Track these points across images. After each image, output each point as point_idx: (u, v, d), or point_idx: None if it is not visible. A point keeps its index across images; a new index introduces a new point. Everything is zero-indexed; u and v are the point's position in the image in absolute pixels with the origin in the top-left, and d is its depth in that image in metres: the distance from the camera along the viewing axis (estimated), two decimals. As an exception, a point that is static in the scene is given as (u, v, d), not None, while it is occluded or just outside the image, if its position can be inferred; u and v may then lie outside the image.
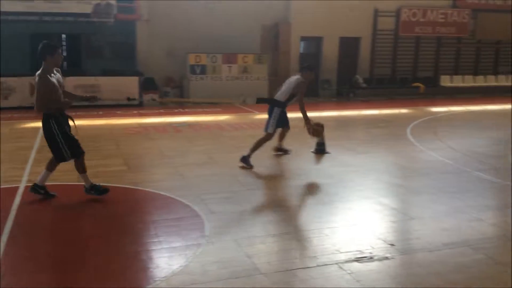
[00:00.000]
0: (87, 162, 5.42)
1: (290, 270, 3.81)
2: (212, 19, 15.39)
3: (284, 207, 5.43)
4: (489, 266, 3.93)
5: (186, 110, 13.49)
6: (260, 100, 7.99)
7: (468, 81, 18.38)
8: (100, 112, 12.59)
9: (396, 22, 17.47)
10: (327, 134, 8.13)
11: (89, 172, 5.46)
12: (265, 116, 7.34)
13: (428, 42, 18.17)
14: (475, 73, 18.71)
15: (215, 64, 15.26)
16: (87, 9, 14.06)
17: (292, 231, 4.66)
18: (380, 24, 17.37)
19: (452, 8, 17.93)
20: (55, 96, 5.01)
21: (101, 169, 6.65)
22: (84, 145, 5.40)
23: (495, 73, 18.95)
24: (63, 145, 5.13)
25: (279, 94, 7.13)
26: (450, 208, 5.37)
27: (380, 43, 17.53)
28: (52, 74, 5.03)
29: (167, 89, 15.34)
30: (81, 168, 5.35)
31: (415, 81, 17.62)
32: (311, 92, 16.77)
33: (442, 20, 17.84)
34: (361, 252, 4.13)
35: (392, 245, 4.31)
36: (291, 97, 7.02)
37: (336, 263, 3.92)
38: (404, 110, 14.20)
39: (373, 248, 4.22)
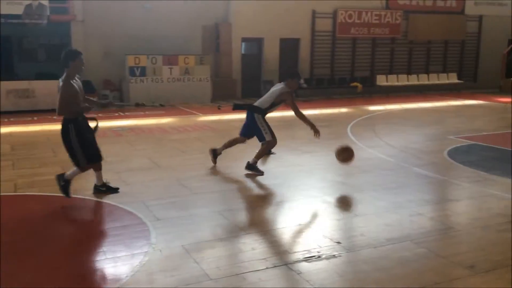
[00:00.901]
0: (21, 171, 5.14)
1: (240, 274, 3.78)
2: (151, 20, 15.09)
3: (231, 210, 5.39)
4: (431, 259, 4.09)
5: (127, 113, 13.13)
6: (237, 106, 7.59)
7: (402, 80, 19.17)
8: (35, 118, 11.99)
9: (333, 24, 17.92)
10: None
11: (23, 181, 5.18)
12: (209, 118, 7.28)
13: (364, 43, 18.78)
14: (409, 72, 19.55)
15: (155, 66, 14.96)
16: (18, 10, 13.34)
17: (240, 234, 4.63)
18: (318, 26, 17.75)
19: (385, 10, 18.64)
20: (76, 101, 5.26)
21: (37, 178, 6.32)
22: (18, 153, 5.11)
23: (427, 72, 19.90)
24: (78, 152, 5.34)
25: (260, 101, 6.91)
26: (392, 204, 5.55)
27: (319, 44, 17.91)
28: (74, 80, 5.28)
29: (105, 92, 14.86)
30: (96, 168, 5.67)
31: (353, 80, 18.16)
32: (254, 93, 16.89)
33: (376, 22, 18.49)
34: (309, 251, 4.18)
35: (338, 243, 4.39)
36: (272, 105, 6.86)
37: (285, 264, 3.94)
38: (343, 109, 14.59)
39: (320, 247, 4.28)
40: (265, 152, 6.91)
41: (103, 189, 5.80)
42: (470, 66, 20.85)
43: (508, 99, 16.84)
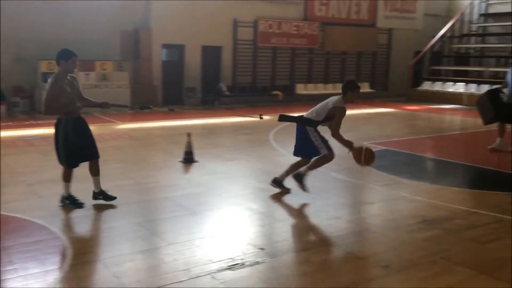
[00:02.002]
0: None
1: (162, 286, 3.69)
2: (67, 24, 14.39)
3: (153, 221, 5.27)
4: (349, 261, 4.27)
5: (39, 121, 12.40)
6: (283, 118, 6.70)
7: (320, 89, 19.90)
8: None
9: (255, 33, 18.23)
10: (194, 142, 8.14)
11: None
12: (128, 126, 7.07)
13: (284, 52, 19.27)
14: (326, 81, 20.34)
15: (70, 72, 14.29)
16: None
17: (162, 246, 4.53)
18: (239, 34, 17.96)
19: (303, 21, 19.28)
20: (64, 100, 5.18)
21: None
22: None
23: (342, 81, 20.79)
24: (62, 153, 5.29)
25: (312, 113, 6.15)
26: (311, 208, 5.73)
27: (241, 53, 18.12)
28: (66, 80, 5.25)
29: (15, 100, 13.94)
30: (64, 178, 5.43)
31: (274, 89, 18.55)
32: (176, 100, 16.70)
33: (295, 32, 19.07)
34: (232, 259, 4.18)
35: (262, 249, 4.44)
36: (327, 118, 6.05)
37: (208, 274, 3.91)
38: (266, 117, 14.82)
39: (244, 254, 4.31)
40: (319, 166, 6.14)
41: (100, 197, 5.59)
42: (381, 76, 22.12)
43: (415, 107, 18.09)
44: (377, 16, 21.18)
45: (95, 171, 5.59)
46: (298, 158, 6.27)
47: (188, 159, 7.89)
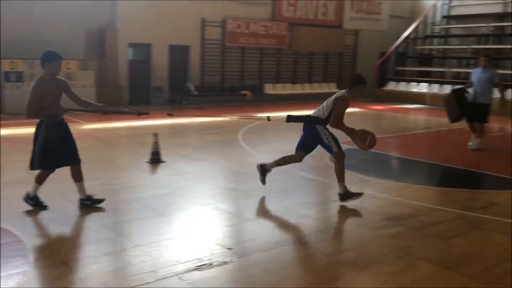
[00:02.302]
0: None
1: (129, 288, 3.63)
2: (31, 22, 13.99)
3: (119, 222, 5.17)
4: (317, 259, 4.31)
5: (3, 122, 12.00)
6: (292, 118, 6.34)
7: (288, 89, 20.03)
8: None
9: (223, 32, 18.18)
10: (161, 143, 8.05)
11: None
12: (92, 126, 6.92)
13: (252, 52, 19.30)
14: (294, 81, 20.48)
15: (33, 71, 13.88)
16: None
17: (129, 247, 4.45)
18: (207, 34, 17.87)
19: (271, 21, 19.35)
20: (46, 104, 5.11)
21: None
22: None
23: (310, 81, 21.02)
24: (37, 154, 5.16)
25: (319, 111, 5.97)
26: (280, 207, 5.75)
27: (209, 52, 18.03)
28: (50, 83, 5.13)
29: (-26, 99, 13.46)
30: (37, 179, 5.29)
31: (243, 89, 18.55)
32: (143, 100, 16.47)
33: (263, 32, 19.14)
34: (200, 260, 4.15)
35: (230, 249, 4.43)
36: (330, 113, 5.86)
37: (175, 275, 3.87)
38: (234, 117, 14.81)
39: (212, 254, 4.28)
40: (343, 168, 5.93)
41: (88, 203, 5.44)
42: (348, 77, 22.32)
43: (381, 107, 18.44)
44: (343, 17, 21.48)
45: (77, 177, 5.45)
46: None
47: (155, 160, 7.79)
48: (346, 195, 5.88)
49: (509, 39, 19.96)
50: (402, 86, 21.09)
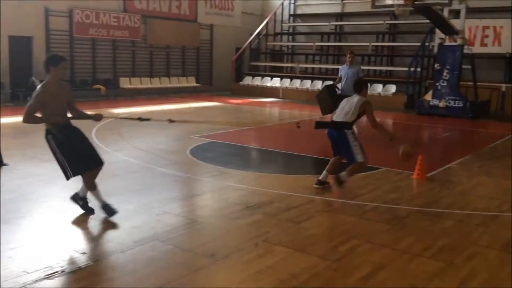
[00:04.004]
0: None
1: (-35, 309, 3.22)
2: None
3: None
4: (176, 254, 4.28)
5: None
6: (320, 125, 6.32)
7: (145, 83, 19.54)
8: None
9: (70, 23, 17.00)
10: (3, 143, 7.26)
11: None
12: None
13: (105, 45, 18.40)
14: (151, 75, 20.04)
15: None
16: None
17: (-37, 263, 3.94)
18: (52, 24, 16.55)
19: (123, 13, 18.63)
20: (50, 109, 4.90)
21: None
22: None
23: (168, 75, 20.77)
24: (64, 163, 4.98)
25: (342, 116, 6.16)
26: (139, 206, 5.59)
27: (55, 44, 16.71)
28: (55, 88, 4.91)
29: None
30: (88, 184, 5.10)
31: (96, 83, 17.61)
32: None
33: (115, 24, 18.34)
34: (51, 268, 3.85)
35: (84, 253, 4.18)
36: (358, 118, 6.22)
37: (23, 286, 3.53)
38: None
39: (64, 261, 4.00)
40: (356, 172, 6.26)
41: (80, 203, 5.26)
42: (206, 71, 22.68)
43: (238, 101, 19.01)
44: (198, 12, 21.60)
45: (90, 185, 5.22)
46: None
47: (-3, 163, 7.00)
48: (338, 181, 6.18)
49: (342, 36, 22.15)
50: (257, 81, 22.00)
